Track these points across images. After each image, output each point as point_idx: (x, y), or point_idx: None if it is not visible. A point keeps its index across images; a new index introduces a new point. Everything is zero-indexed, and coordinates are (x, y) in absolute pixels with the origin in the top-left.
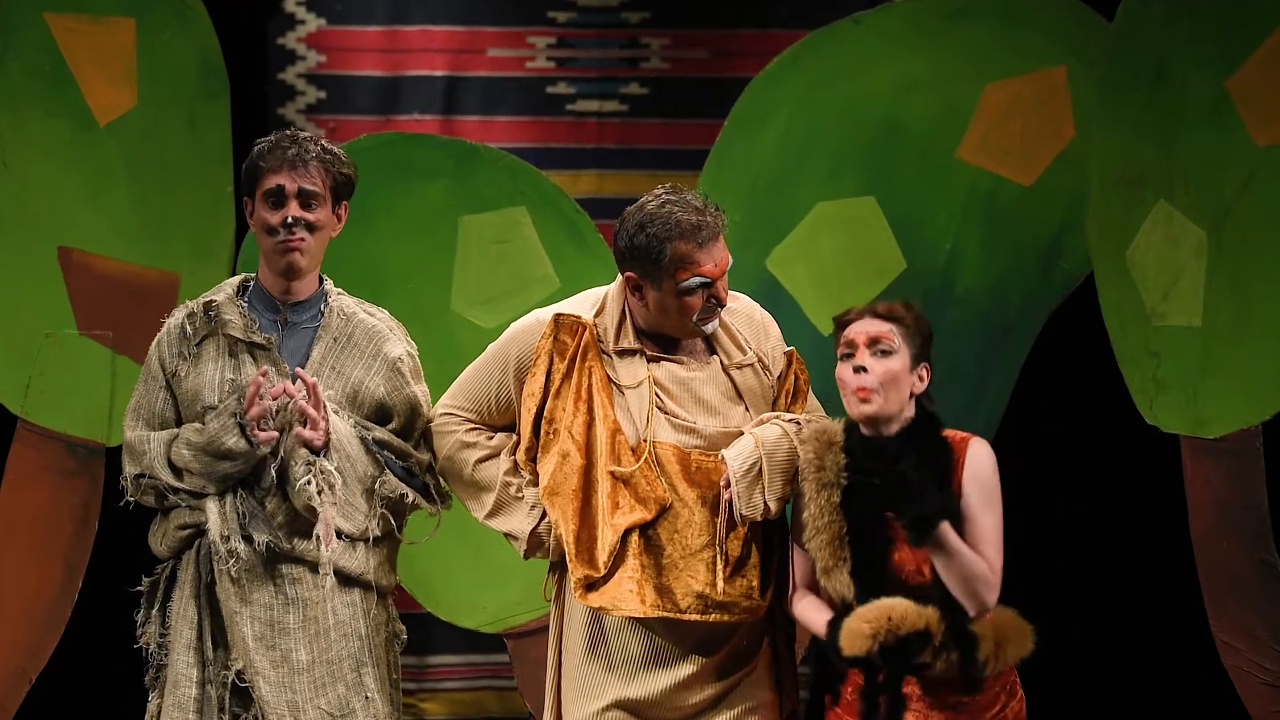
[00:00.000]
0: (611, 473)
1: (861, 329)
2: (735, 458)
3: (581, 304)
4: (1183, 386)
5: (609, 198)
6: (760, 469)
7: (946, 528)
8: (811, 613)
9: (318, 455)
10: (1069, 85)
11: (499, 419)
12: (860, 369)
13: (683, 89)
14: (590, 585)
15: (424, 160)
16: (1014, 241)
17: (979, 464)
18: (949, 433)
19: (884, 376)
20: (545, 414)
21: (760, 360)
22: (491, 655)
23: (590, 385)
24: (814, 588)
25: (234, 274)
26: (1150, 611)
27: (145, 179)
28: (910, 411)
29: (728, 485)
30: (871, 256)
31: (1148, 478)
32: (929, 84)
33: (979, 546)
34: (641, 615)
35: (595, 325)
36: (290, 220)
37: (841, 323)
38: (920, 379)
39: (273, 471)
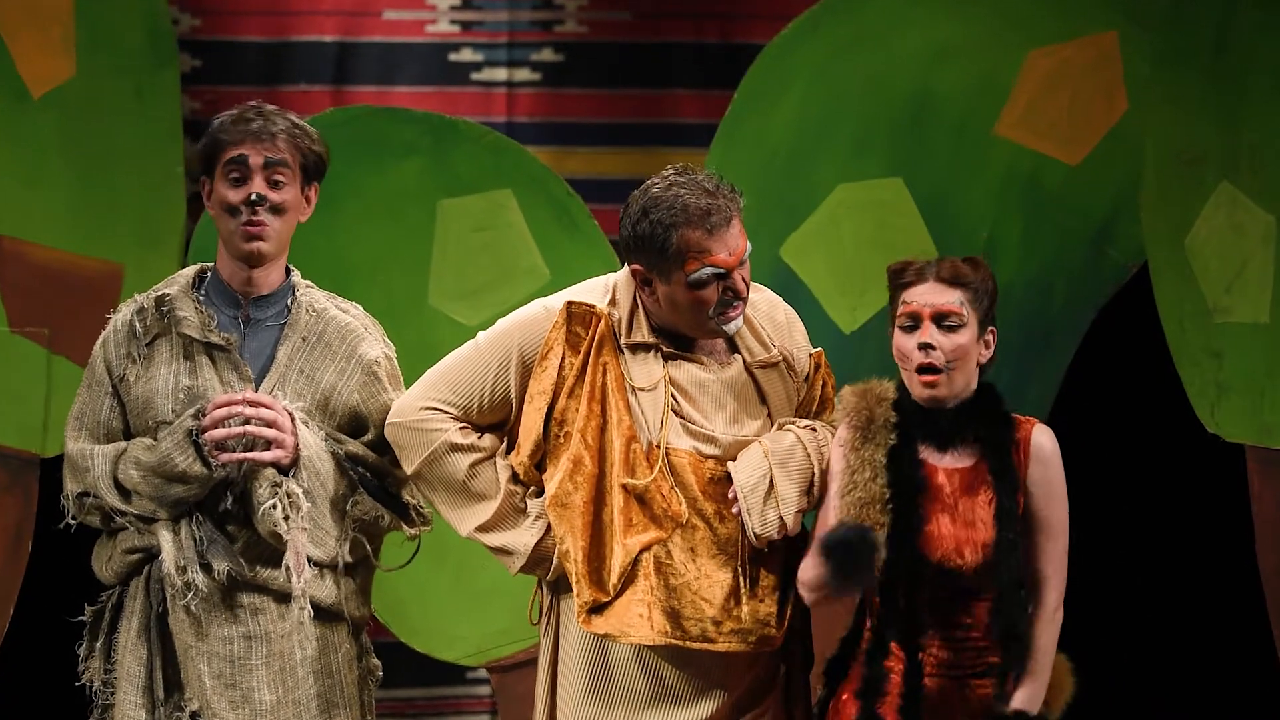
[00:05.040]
0: (624, 486)
1: (927, 299)
2: (742, 470)
3: (592, 292)
4: (1248, 390)
5: None
6: (771, 481)
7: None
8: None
9: (285, 474)
10: (1121, 53)
11: (484, 418)
12: (926, 346)
13: (603, 56)
14: (595, 609)
15: (397, 137)
16: (1059, 228)
17: (1045, 455)
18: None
19: (952, 354)
20: (555, 414)
21: (786, 360)
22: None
23: (604, 384)
24: None
25: (185, 264)
26: (1212, 643)
27: (85, 157)
28: (974, 384)
29: (735, 501)
30: (898, 245)
31: (1209, 493)
32: (964, 51)
33: (1040, 563)
34: (651, 643)
35: (610, 315)
36: (254, 197)
37: (899, 281)
38: (986, 345)
39: (230, 498)
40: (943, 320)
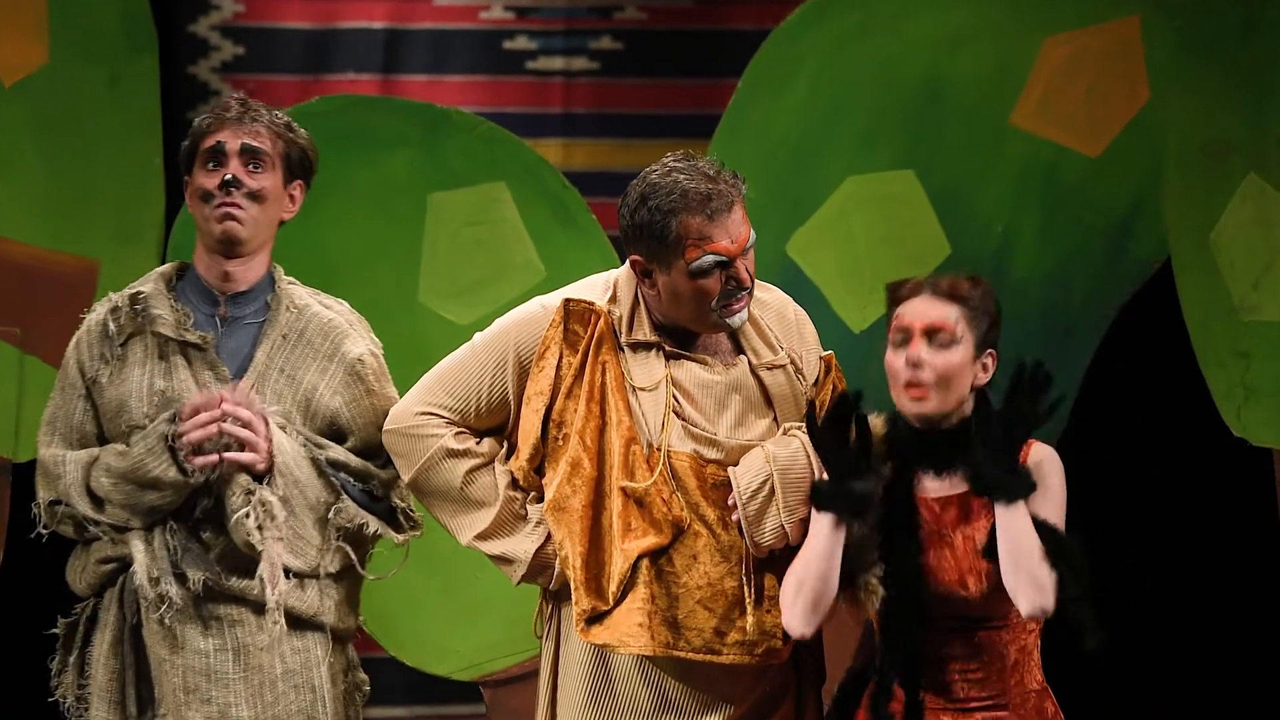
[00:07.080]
0: (623, 489)
1: (919, 313)
2: (743, 475)
3: (592, 289)
4: (1276, 392)
5: (576, 170)
6: (772, 487)
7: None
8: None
9: (259, 482)
10: (1143, 39)
11: (483, 422)
12: (914, 363)
13: (663, 43)
14: (594, 618)
15: (386, 127)
16: (1078, 222)
17: (1042, 469)
18: None
19: (943, 370)
20: (553, 415)
21: (793, 362)
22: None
23: (604, 384)
24: None
25: (164, 260)
26: (1239, 657)
27: (58, 149)
28: (969, 406)
29: (734, 508)
30: (910, 240)
31: (1235, 498)
32: (977, 38)
33: None
34: (651, 654)
35: (610, 313)
36: (228, 178)
37: (895, 296)
38: (984, 369)
39: (203, 507)
40: (934, 336)
